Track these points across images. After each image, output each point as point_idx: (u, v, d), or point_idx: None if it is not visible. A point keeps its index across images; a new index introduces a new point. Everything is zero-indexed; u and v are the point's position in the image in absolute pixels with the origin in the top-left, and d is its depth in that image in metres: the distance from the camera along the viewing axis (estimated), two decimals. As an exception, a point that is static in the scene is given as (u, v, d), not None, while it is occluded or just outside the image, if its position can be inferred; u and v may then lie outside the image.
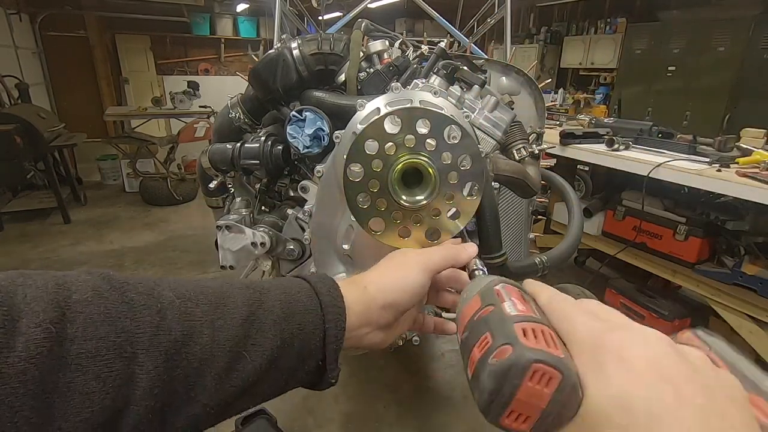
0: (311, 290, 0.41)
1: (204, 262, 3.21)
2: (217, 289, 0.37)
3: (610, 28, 5.80)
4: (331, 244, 0.97)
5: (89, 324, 0.29)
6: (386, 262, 0.49)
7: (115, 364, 0.29)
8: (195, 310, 0.34)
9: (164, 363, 0.31)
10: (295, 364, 0.39)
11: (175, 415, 0.32)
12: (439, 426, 1.74)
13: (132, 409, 0.29)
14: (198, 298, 0.35)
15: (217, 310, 0.35)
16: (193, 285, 0.36)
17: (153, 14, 6.54)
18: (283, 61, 0.93)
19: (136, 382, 0.30)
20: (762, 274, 2.00)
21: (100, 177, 5.27)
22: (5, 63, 4.83)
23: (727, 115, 4.41)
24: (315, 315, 0.40)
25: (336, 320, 0.40)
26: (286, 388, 0.40)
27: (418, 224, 0.49)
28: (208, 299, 0.35)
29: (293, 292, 0.40)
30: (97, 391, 0.28)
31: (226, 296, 0.37)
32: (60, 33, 6.39)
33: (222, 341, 0.34)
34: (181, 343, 0.32)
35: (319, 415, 1.77)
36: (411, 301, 0.46)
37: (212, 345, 0.33)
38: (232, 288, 0.38)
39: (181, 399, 0.32)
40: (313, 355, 0.40)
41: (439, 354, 2.17)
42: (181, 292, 0.35)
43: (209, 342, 0.33)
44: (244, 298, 0.37)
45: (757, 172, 1.84)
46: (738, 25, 4.29)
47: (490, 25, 2.35)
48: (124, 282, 0.33)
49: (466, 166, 0.47)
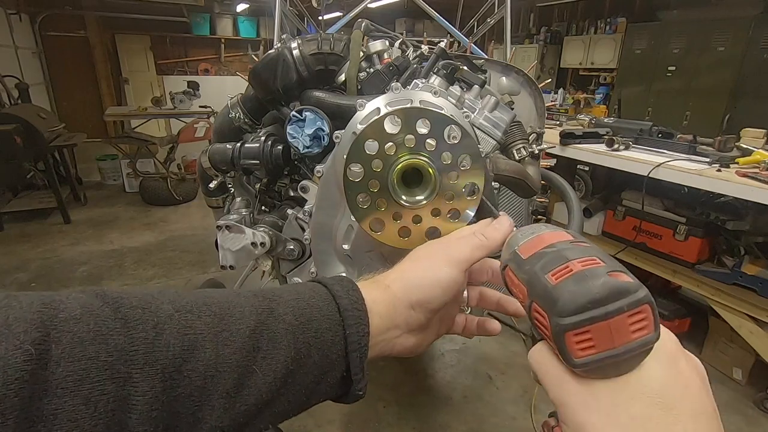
0: (327, 294, 0.37)
1: (204, 262, 3.21)
2: (222, 300, 0.34)
3: (610, 28, 5.80)
4: (331, 244, 0.97)
5: (77, 343, 0.26)
6: (410, 258, 0.44)
7: (107, 386, 0.26)
8: (196, 322, 0.31)
9: (162, 383, 0.28)
10: (316, 377, 0.35)
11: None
12: (439, 426, 1.74)
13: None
14: (200, 310, 0.32)
15: (222, 322, 0.32)
16: (196, 296, 0.33)
17: (153, 14, 6.54)
18: (283, 61, 0.93)
19: (131, 406, 0.27)
20: (762, 274, 2.00)
21: (100, 177, 5.27)
22: (5, 63, 4.84)
23: (727, 115, 4.41)
24: (333, 321, 0.36)
25: (357, 325, 0.36)
26: (308, 404, 0.37)
27: (418, 224, 0.49)
28: (212, 310, 0.32)
29: (307, 297, 0.37)
30: (87, 417, 0.25)
31: (232, 306, 0.33)
32: (60, 33, 6.40)
33: (228, 355, 0.31)
34: (182, 359, 0.29)
35: (319, 415, 1.77)
36: (443, 298, 0.41)
37: (217, 360, 0.30)
38: (239, 297, 0.35)
39: (186, 422, 0.29)
40: (336, 366, 0.36)
41: (439, 354, 2.17)
42: (181, 305, 0.32)
43: (213, 357, 0.30)
44: (252, 307, 0.34)
45: (757, 172, 1.84)
46: (738, 25, 4.29)
47: (490, 25, 2.35)
48: (118, 297, 0.30)
49: (466, 166, 0.47)
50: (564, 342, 0.28)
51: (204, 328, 0.31)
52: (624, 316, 0.26)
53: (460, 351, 2.18)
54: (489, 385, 1.96)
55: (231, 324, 0.32)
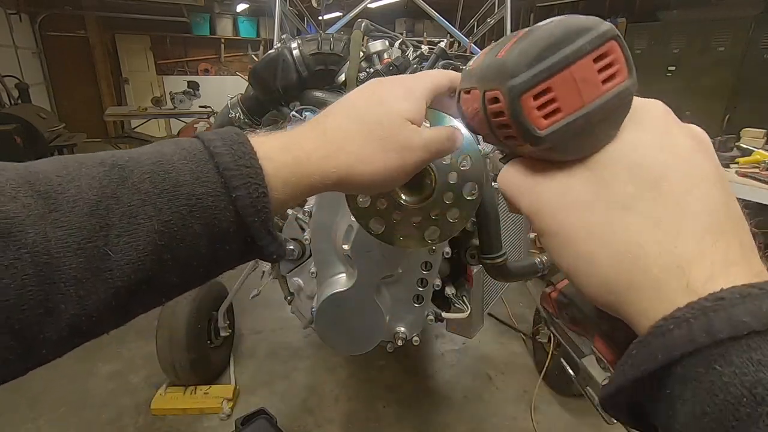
0: (204, 151, 0.30)
1: (204, 262, 3.21)
2: (53, 174, 0.27)
3: (610, 28, 5.81)
4: (331, 244, 0.97)
5: None
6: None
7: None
8: (8, 205, 0.25)
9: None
10: (207, 248, 0.30)
11: (34, 339, 0.25)
12: (439, 426, 1.74)
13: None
14: (16, 190, 0.26)
15: (49, 201, 0.26)
16: (17, 172, 0.27)
17: (153, 14, 6.54)
18: (283, 61, 0.93)
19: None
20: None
21: (100, 177, 5.26)
22: (5, 63, 4.84)
23: (727, 115, 4.41)
24: (211, 183, 0.29)
25: (247, 185, 0.30)
26: (212, 273, 0.32)
27: (418, 224, 0.49)
28: (35, 189, 0.26)
29: (174, 158, 0.30)
30: None
31: (67, 181, 0.27)
32: (60, 33, 6.40)
33: (62, 238, 0.26)
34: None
35: (319, 415, 1.76)
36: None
37: (48, 245, 0.25)
38: (80, 168, 0.28)
39: (35, 314, 0.25)
40: (231, 234, 0.31)
41: (439, 354, 2.17)
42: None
43: (41, 242, 0.25)
44: (93, 179, 0.28)
45: (757, 172, 1.84)
46: (738, 25, 4.29)
47: (490, 25, 2.35)
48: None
49: (466, 166, 0.47)
50: (521, 110, 0.23)
51: (21, 210, 0.25)
52: (588, 60, 0.22)
53: (460, 351, 2.18)
54: (489, 385, 1.96)
55: (62, 203, 0.26)
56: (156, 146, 0.31)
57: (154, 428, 1.68)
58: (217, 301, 1.84)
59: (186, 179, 0.29)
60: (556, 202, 0.25)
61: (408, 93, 0.37)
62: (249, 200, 0.30)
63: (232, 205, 0.30)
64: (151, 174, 0.29)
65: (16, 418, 1.71)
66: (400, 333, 1.01)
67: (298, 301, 1.11)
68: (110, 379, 1.93)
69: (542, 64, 0.22)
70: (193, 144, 0.31)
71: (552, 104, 0.22)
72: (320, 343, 1.93)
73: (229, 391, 1.79)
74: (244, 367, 2.01)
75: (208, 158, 0.30)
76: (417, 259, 0.93)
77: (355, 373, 1.98)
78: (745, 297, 0.18)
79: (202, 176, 0.29)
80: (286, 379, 1.94)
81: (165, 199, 0.28)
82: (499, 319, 2.36)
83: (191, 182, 0.29)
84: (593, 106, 0.22)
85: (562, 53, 0.22)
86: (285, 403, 1.81)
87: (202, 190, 0.29)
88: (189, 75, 7.40)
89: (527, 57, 0.22)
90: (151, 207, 0.28)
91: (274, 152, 0.32)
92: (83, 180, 0.27)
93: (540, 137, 0.23)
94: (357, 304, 0.92)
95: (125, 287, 0.27)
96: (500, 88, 0.23)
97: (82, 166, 0.28)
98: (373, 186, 0.36)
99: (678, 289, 0.21)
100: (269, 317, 2.33)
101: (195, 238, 0.29)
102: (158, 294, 0.30)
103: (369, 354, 0.99)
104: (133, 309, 0.29)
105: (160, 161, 0.29)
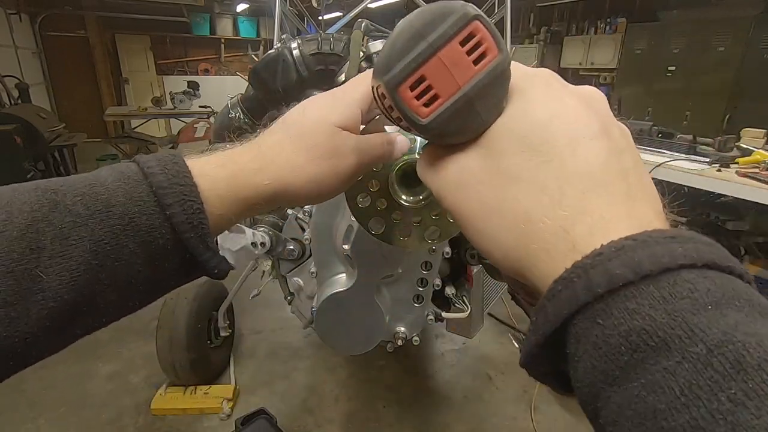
0: (138, 173, 0.31)
1: (204, 262, 3.21)
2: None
3: (610, 28, 5.80)
4: (331, 244, 0.97)
5: None
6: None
7: None
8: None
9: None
10: (144, 267, 0.30)
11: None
12: (439, 426, 1.74)
13: None
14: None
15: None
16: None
17: (153, 14, 6.54)
18: (283, 61, 0.93)
19: None
20: (762, 274, 2.00)
21: (100, 177, 5.26)
22: (5, 63, 4.84)
23: (727, 115, 4.41)
24: (145, 203, 0.30)
25: (182, 202, 0.30)
26: (155, 294, 0.33)
27: (418, 224, 0.49)
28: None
29: (108, 181, 0.30)
30: None
31: (0, 207, 0.28)
32: (60, 33, 6.40)
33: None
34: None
35: (319, 415, 1.76)
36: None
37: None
38: (14, 193, 0.29)
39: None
40: (170, 252, 0.31)
41: (439, 354, 2.17)
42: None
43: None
44: (25, 204, 0.28)
45: (757, 172, 1.84)
46: (738, 25, 4.29)
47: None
48: None
49: (466, 166, 0.47)
50: (402, 101, 0.23)
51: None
52: (454, 44, 0.22)
53: (460, 351, 2.18)
54: (489, 385, 1.96)
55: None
56: (93, 172, 0.32)
57: (154, 428, 1.68)
58: (217, 301, 1.84)
59: (119, 200, 0.29)
60: (455, 182, 0.26)
61: (335, 101, 0.37)
62: (184, 216, 0.30)
63: (168, 222, 0.30)
64: (82, 196, 0.29)
65: (16, 417, 1.71)
66: (400, 333, 1.01)
67: (298, 301, 1.11)
68: (110, 379, 1.93)
69: (410, 55, 0.22)
70: (129, 167, 0.32)
71: (429, 92, 0.23)
72: (320, 343, 1.93)
73: (229, 391, 1.79)
74: (244, 367, 2.01)
75: (142, 179, 0.30)
76: (417, 259, 0.93)
77: (355, 373, 1.99)
78: (619, 250, 0.19)
79: (135, 196, 0.30)
80: (286, 379, 1.95)
81: (97, 220, 0.29)
82: (499, 319, 2.36)
83: (124, 202, 0.29)
84: (469, 87, 0.22)
85: (427, 41, 0.22)
86: (285, 403, 1.81)
87: (135, 210, 0.30)
88: (189, 75, 7.40)
89: (395, 49, 0.23)
90: (83, 228, 0.28)
91: (210, 168, 0.33)
92: (15, 206, 0.28)
93: (424, 125, 0.23)
94: (357, 304, 0.92)
95: (59, 308, 0.28)
96: (381, 83, 0.24)
97: (15, 192, 0.29)
98: (309, 196, 0.36)
99: (566, 250, 0.21)
100: (269, 317, 2.33)
101: (131, 257, 0.29)
102: (99, 314, 0.30)
103: (369, 354, 1.00)
104: (72, 330, 0.30)
105: (93, 184, 0.30)
